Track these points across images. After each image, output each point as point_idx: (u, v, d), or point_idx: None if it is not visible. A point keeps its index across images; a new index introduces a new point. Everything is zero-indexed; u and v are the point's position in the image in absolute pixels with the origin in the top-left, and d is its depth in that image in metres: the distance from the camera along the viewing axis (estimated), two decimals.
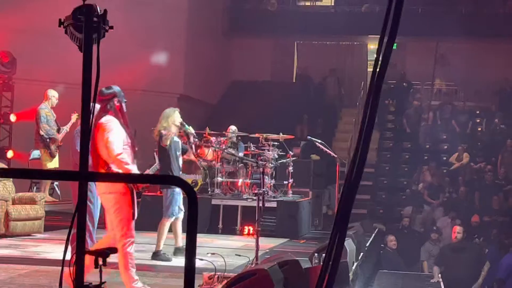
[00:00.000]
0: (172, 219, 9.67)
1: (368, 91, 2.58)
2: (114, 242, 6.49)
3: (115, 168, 6.50)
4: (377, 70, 2.57)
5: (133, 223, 6.54)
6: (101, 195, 6.63)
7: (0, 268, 7.98)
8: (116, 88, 6.75)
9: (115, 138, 6.51)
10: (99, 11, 3.73)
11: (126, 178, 4.92)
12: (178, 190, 9.45)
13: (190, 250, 3.03)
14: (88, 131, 3.63)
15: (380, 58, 2.56)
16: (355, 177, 2.55)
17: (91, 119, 3.73)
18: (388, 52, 2.55)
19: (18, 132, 15.51)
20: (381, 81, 2.58)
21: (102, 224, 8.95)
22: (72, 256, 3.93)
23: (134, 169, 6.52)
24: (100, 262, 4.06)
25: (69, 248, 4.18)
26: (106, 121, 6.57)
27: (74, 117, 12.63)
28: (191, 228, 3.01)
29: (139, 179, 4.02)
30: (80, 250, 3.81)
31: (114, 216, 6.51)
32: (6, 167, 13.07)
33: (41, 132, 12.67)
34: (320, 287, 2.69)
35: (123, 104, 6.75)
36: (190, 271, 2.99)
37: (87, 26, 3.62)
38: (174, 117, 9.79)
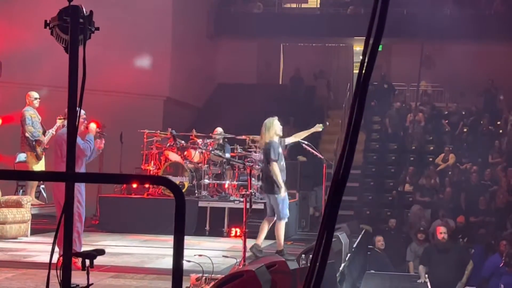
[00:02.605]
0: (286, 220, 9.97)
1: (354, 93, 2.59)
2: None
3: None
4: (363, 72, 2.58)
5: None
6: None
7: None
8: None
9: None
10: (85, 12, 3.73)
11: (113, 178, 4.90)
12: (286, 193, 9.87)
13: (177, 252, 3.03)
14: (75, 132, 3.62)
15: (366, 60, 2.57)
16: (342, 176, 2.56)
17: (77, 121, 3.72)
18: (374, 54, 2.56)
19: (4, 135, 15.43)
20: (367, 83, 2.59)
21: (88, 227, 8.97)
22: (59, 259, 3.92)
23: None
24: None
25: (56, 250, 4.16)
26: None
27: (60, 121, 12.57)
28: (179, 230, 3.01)
29: (130, 180, 4.01)
30: (67, 253, 3.80)
31: None
32: None
33: (27, 134, 12.60)
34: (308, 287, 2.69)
35: None
36: (177, 272, 2.99)
37: (73, 27, 3.61)
38: (274, 126, 10.11)
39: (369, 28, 2.57)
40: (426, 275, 13.87)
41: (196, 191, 13.48)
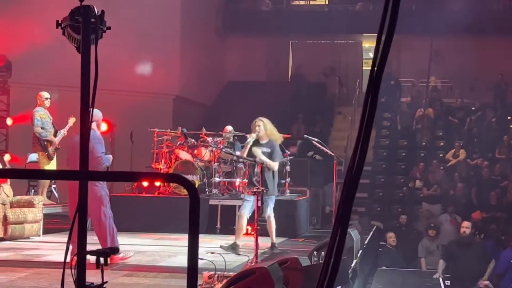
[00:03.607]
0: (240, 213, 10.31)
1: (367, 89, 2.59)
2: None
3: None
4: (375, 68, 2.58)
5: None
6: None
7: (1, 271, 7.98)
8: None
9: None
10: (96, 12, 3.74)
11: (128, 176, 4.92)
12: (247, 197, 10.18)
13: (192, 250, 3.04)
14: (88, 132, 3.64)
15: (379, 56, 2.56)
16: (355, 174, 2.56)
17: (90, 120, 3.74)
18: (386, 52, 2.56)
19: (15, 136, 15.51)
20: (379, 79, 2.59)
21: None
22: (72, 257, 3.93)
23: None
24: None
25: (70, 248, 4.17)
26: None
27: (72, 121, 12.61)
28: (193, 228, 3.02)
29: (145, 178, 4.03)
30: (81, 251, 3.82)
31: None
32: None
33: (36, 135, 12.66)
34: (322, 284, 2.69)
35: None
36: (192, 270, 3.00)
37: (85, 27, 3.63)
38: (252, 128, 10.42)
39: (381, 24, 2.57)
40: (441, 271, 13.83)
41: (206, 189, 13.50)
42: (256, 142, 10.22)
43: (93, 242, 8.63)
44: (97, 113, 9.04)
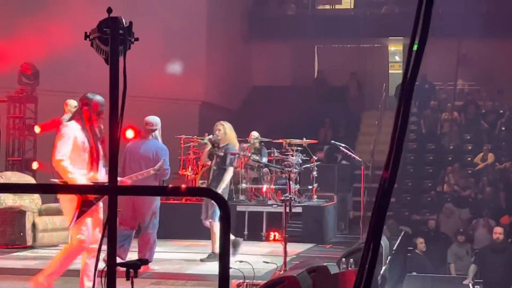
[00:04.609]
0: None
1: (400, 95, 2.55)
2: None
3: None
4: (409, 73, 2.54)
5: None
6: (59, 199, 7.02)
7: (29, 280, 8.00)
8: (96, 98, 6.71)
9: (61, 144, 6.57)
10: (124, 23, 3.73)
11: (156, 191, 4.90)
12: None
13: (223, 258, 3.02)
14: (117, 142, 3.63)
15: (412, 61, 2.53)
16: (390, 179, 2.52)
17: (119, 131, 3.73)
18: (420, 55, 2.52)
19: (43, 144, 15.55)
20: (413, 84, 2.56)
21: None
22: (103, 268, 3.93)
23: (76, 177, 6.49)
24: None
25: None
26: (62, 127, 6.74)
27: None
28: (224, 237, 3.00)
29: (170, 192, 4.01)
30: (112, 262, 3.81)
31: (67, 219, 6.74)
32: (33, 180, 13.18)
33: None
34: None
35: (97, 114, 6.70)
36: (224, 278, 2.98)
37: (113, 39, 3.62)
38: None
39: (414, 29, 2.53)
40: (473, 277, 13.66)
41: (234, 196, 13.49)
42: (217, 146, 10.44)
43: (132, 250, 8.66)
44: (159, 122, 9.19)
